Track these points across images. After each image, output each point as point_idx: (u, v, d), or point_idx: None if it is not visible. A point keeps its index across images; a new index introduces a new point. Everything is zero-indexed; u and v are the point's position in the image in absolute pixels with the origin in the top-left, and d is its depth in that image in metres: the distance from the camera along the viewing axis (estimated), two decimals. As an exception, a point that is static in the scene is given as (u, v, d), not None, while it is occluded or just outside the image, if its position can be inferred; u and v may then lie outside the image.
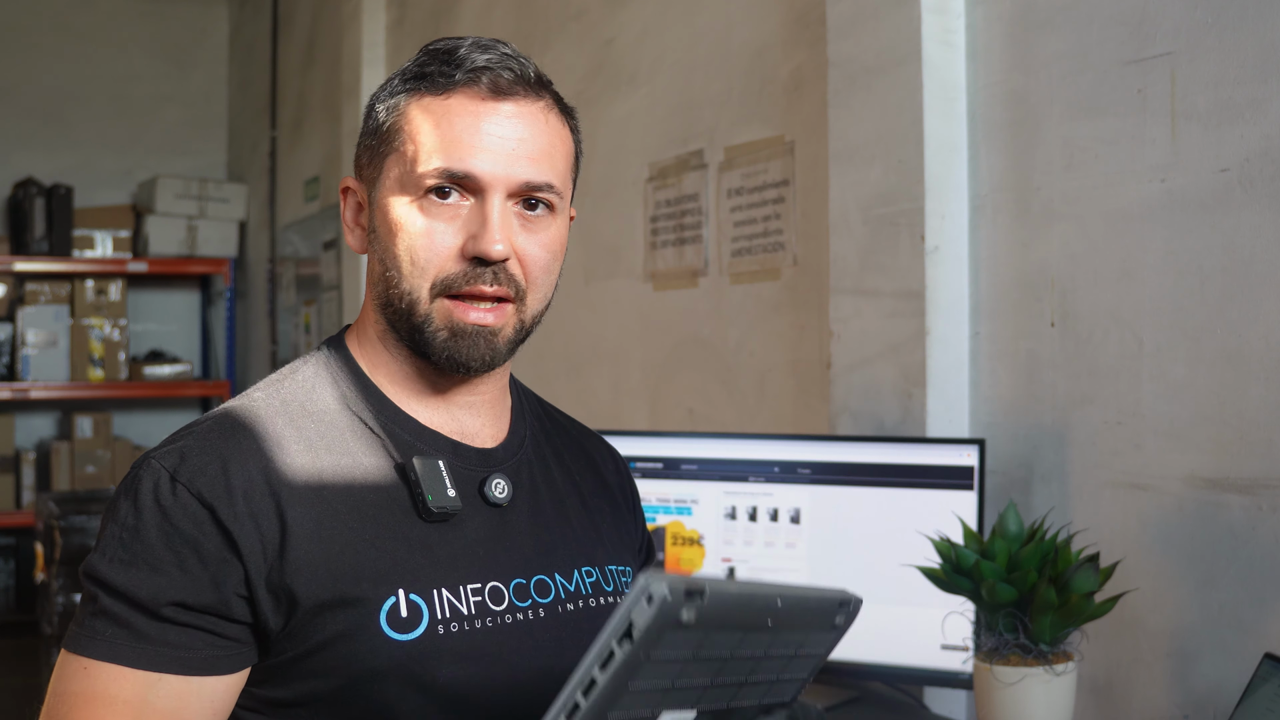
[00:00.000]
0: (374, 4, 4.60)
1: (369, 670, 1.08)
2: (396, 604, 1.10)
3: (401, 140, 1.15)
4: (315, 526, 1.10)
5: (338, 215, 4.83)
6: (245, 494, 1.09)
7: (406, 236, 1.14)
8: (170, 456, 1.10)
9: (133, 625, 1.06)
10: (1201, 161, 1.70)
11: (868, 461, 1.93)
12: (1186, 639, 1.72)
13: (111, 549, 1.08)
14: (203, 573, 1.07)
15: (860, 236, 2.16)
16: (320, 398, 1.19)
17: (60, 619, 3.20)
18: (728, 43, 2.70)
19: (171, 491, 1.08)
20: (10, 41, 6.27)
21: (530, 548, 1.21)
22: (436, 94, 1.15)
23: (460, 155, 1.13)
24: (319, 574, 1.09)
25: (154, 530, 1.07)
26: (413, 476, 1.14)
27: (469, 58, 1.15)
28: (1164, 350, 1.75)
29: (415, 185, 1.14)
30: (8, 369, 5.86)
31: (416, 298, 1.15)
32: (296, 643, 1.09)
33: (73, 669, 1.07)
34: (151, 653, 1.06)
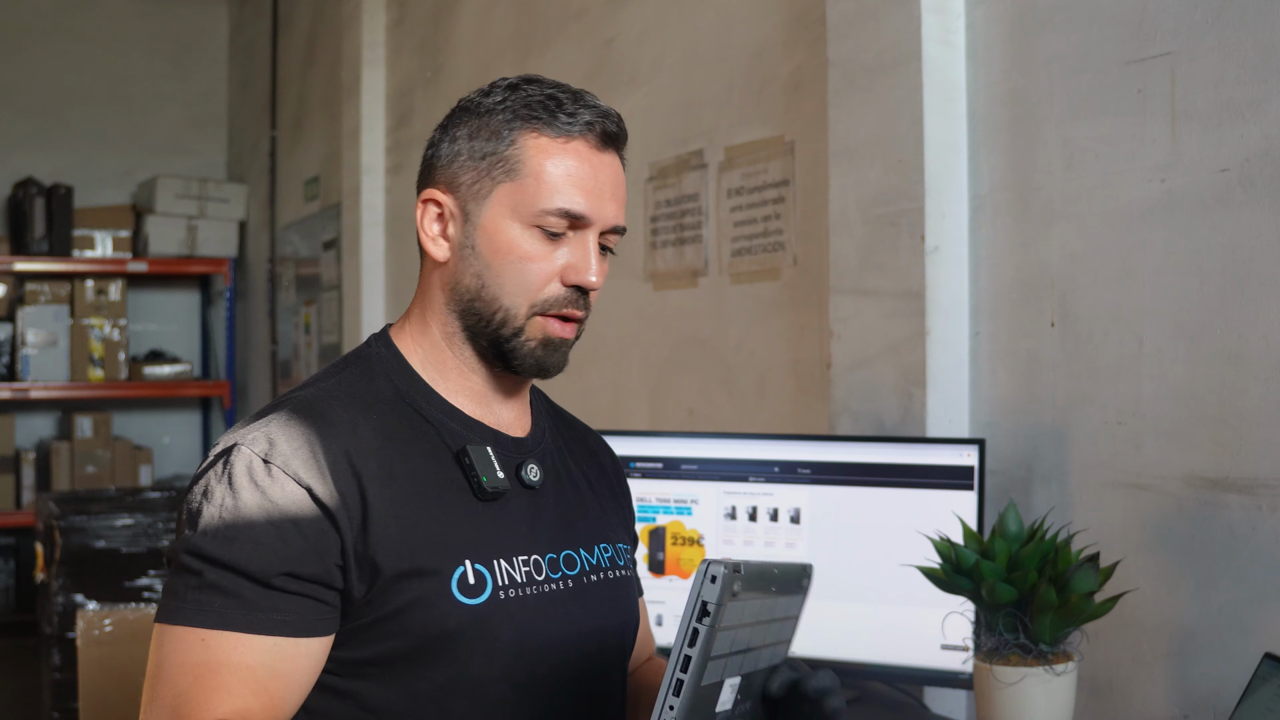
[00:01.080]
0: (374, 4, 4.60)
1: (442, 631, 1.22)
2: (465, 573, 1.24)
3: (522, 174, 1.28)
4: (390, 505, 1.22)
5: (338, 215, 4.85)
6: (334, 474, 1.20)
7: (516, 261, 1.28)
8: (259, 442, 1.21)
9: (244, 595, 1.15)
10: (1201, 161, 1.70)
11: (868, 461, 1.93)
12: (1186, 639, 1.72)
13: (213, 528, 1.17)
14: (305, 545, 1.17)
15: (860, 236, 2.16)
16: (378, 388, 1.31)
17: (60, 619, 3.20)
18: (728, 43, 2.70)
19: (267, 473, 1.19)
20: (10, 41, 6.27)
21: (558, 526, 1.36)
22: (556, 136, 1.28)
23: (579, 199, 1.28)
24: (397, 546, 1.21)
25: (254, 509, 1.18)
26: (467, 461, 1.28)
27: (580, 110, 1.29)
28: (1164, 350, 1.75)
29: (532, 216, 1.27)
30: (8, 369, 5.86)
31: (515, 314, 1.29)
32: (376, 608, 1.21)
33: (188, 641, 1.15)
34: (266, 619, 1.16)
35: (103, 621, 2.90)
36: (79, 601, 3.17)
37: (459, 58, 4.00)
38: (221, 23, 6.84)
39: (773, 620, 1.16)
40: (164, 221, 6.14)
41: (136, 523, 3.28)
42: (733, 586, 1.04)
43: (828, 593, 1.94)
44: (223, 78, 6.84)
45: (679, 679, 1.03)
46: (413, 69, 4.37)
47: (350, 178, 4.66)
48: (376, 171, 4.56)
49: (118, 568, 3.23)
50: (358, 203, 4.58)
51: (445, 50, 4.10)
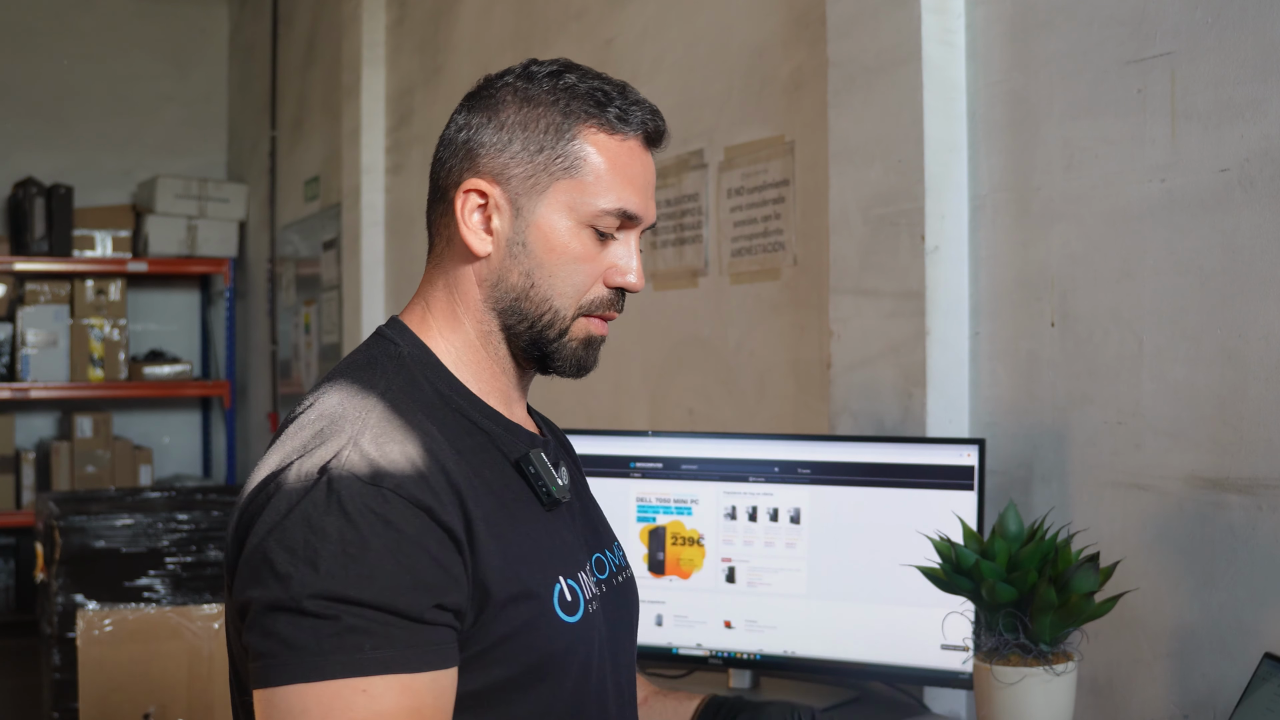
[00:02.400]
0: (374, 4, 4.60)
1: (547, 654, 1.15)
2: (562, 590, 1.18)
3: (583, 171, 1.22)
4: (485, 522, 1.13)
5: (338, 215, 4.85)
6: (441, 492, 1.10)
7: (570, 260, 1.22)
8: (357, 464, 1.08)
9: (394, 633, 1.04)
10: (1201, 161, 1.70)
11: (868, 461, 1.93)
12: (1186, 639, 1.72)
13: (337, 566, 1.04)
14: (441, 573, 1.07)
15: (860, 236, 2.16)
16: (424, 394, 1.21)
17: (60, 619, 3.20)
18: (728, 43, 2.70)
19: (382, 499, 1.06)
20: (10, 41, 6.27)
21: (587, 528, 1.33)
22: (613, 133, 1.24)
23: (633, 199, 1.24)
24: (501, 567, 1.13)
25: (381, 540, 1.05)
26: (531, 470, 1.22)
27: (632, 106, 1.25)
28: (1164, 350, 1.75)
29: (589, 214, 1.22)
30: (8, 369, 5.86)
31: (564, 315, 1.23)
32: (482, 637, 1.11)
33: (344, 697, 1.02)
34: (421, 655, 1.05)
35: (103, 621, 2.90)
36: (79, 601, 3.17)
37: (459, 58, 4.00)
38: (221, 23, 6.84)
39: None
40: (164, 221, 6.14)
41: (136, 523, 3.28)
42: None
43: (828, 593, 1.94)
44: (223, 78, 6.84)
45: None
46: (413, 69, 4.37)
47: (350, 178, 4.66)
48: (376, 171, 4.56)
49: (118, 568, 3.23)
50: (358, 203, 4.58)
51: (445, 50, 4.10)
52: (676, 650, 2.04)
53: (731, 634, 2.01)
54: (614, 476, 2.07)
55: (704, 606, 2.02)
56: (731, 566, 2.01)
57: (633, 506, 2.06)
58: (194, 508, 3.40)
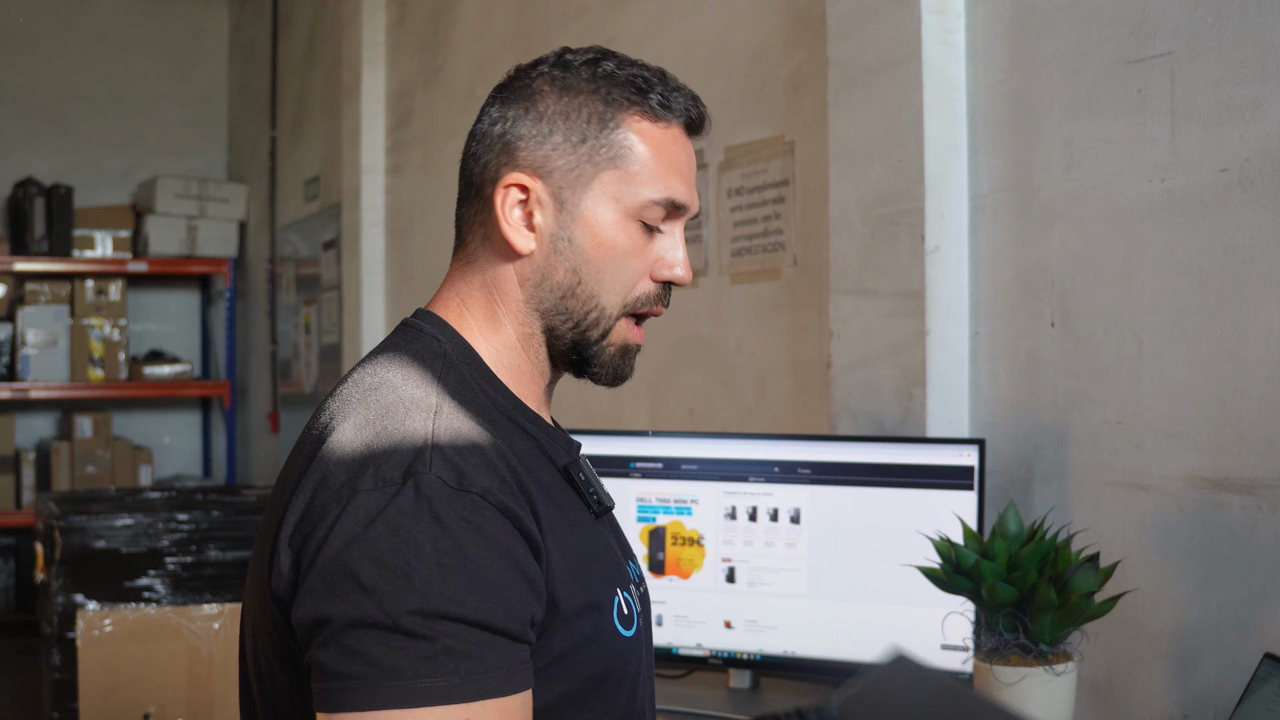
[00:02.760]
0: (374, 4, 4.60)
1: (605, 669, 1.09)
2: (619, 602, 1.13)
3: (629, 160, 1.16)
4: (552, 530, 1.07)
5: (338, 215, 4.85)
6: (519, 496, 1.05)
7: (619, 255, 1.16)
8: (443, 468, 1.01)
9: (492, 653, 0.97)
10: (1201, 161, 1.70)
11: (868, 461, 1.93)
12: (1186, 639, 1.72)
13: (434, 579, 0.96)
14: (527, 584, 1.01)
15: (860, 236, 2.16)
16: (476, 396, 1.13)
17: (60, 619, 3.20)
18: (728, 43, 2.70)
19: (472, 504, 1.00)
20: (10, 41, 6.27)
21: (621, 541, 1.28)
22: (656, 121, 1.18)
23: (679, 188, 1.18)
24: (568, 579, 1.07)
25: (477, 550, 0.98)
26: (581, 477, 1.17)
27: (676, 89, 1.20)
28: (1164, 350, 1.75)
29: (636, 205, 1.16)
30: (8, 369, 5.86)
31: (609, 313, 1.17)
32: (544, 652, 1.05)
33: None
34: (516, 675, 0.99)
35: (103, 621, 2.90)
36: (79, 601, 3.17)
37: (459, 58, 4.00)
38: (221, 23, 6.84)
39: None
40: (164, 221, 6.14)
41: (136, 523, 3.28)
42: None
43: (828, 593, 1.95)
44: (223, 78, 6.84)
45: None
46: (413, 69, 4.37)
47: (350, 178, 4.66)
48: (376, 171, 4.56)
49: (118, 568, 3.23)
50: (358, 203, 4.58)
51: (445, 50, 4.10)
52: (676, 650, 2.04)
53: (731, 634, 2.01)
54: (614, 476, 2.07)
55: (704, 606, 2.02)
56: (731, 566, 2.01)
57: (633, 506, 2.06)
58: (194, 508, 3.40)
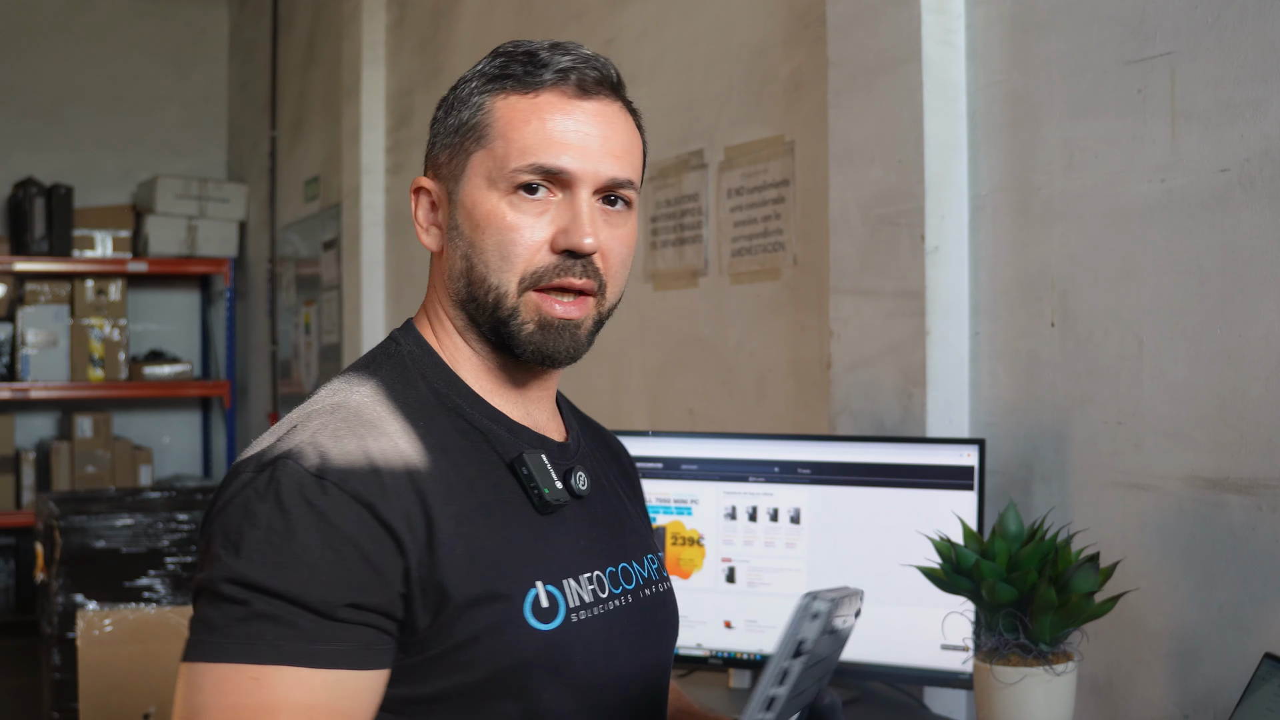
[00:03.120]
0: (374, 4, 4.60)
1: (516, 661, 1.11)
2: (538, 595, 1.13)
3: (490, 137, 1.17)
4: (454, 523, 1.11)
5: (338, 215, 4.85)
6: (395, 490, 1.08)
7: (496, 231, 1.16)
8: (308, 456, 1.08)
9: (300, 626, 1.03)
10: (1201, 161, 1.70)
11: (868, 461, 1.93)
12: (1186, 639, 1.72)
13: (259, 553, 1.04)
14: (367, 571, 1.05)
15: (860, 236, 2.16)
16: (418, 392, 1.19)
17: (60, 619, 3.20)
18: (728, 43, 2.70)
19: (323, 491, 1.06)
20: (10, 41, 6.27)
21: (611, 537, 1.26)
22: (524, 92, 1.17)
23: (554, 152, 1.16)
24: (466, 569, 1.10)
25: (309, 531, 1.04)
26: (525, 471, 1.18)
27: (553, 58, 1.18)
28: (1164, 350, 1.75)
29: (506, 181, 1.16)
30: (8, 369, 5.86)
31: (505, 291, 1.17)
32: (442, 639, 1.09)
33: (235, 681, 1.01)
34: (326, 651, 1.03)
35: (103, 621, 2.90)
36: (79, 601, 3.17)
37: (459, 58, 4.00)
38: (221, 23, 6.84)
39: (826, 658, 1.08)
40: (164, 221, 6.14)
41: (136, 523, 3.28)
42: (833, 622, 0.99)
43: (828, 593, 1.95)
44: (223, 78, 6.84)
45: None
46: (413, 69, 4.37)
47: (350, 178, 4.66)
48: (376, 171, 4.56)
49: (118, 568, 3.23)
50: (358, 203, 4.58)
51: (445, 50, 4.10)
52: (677, 650, 2.04)
53: (732, 634, 2.01)
54: (614, 476, 2.07)
55: (704, 606, 2.02)
56: (731, 566, 2.01)
57: (633, 506, 2.06)
58: (194, 508, 3.40)
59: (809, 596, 0.97)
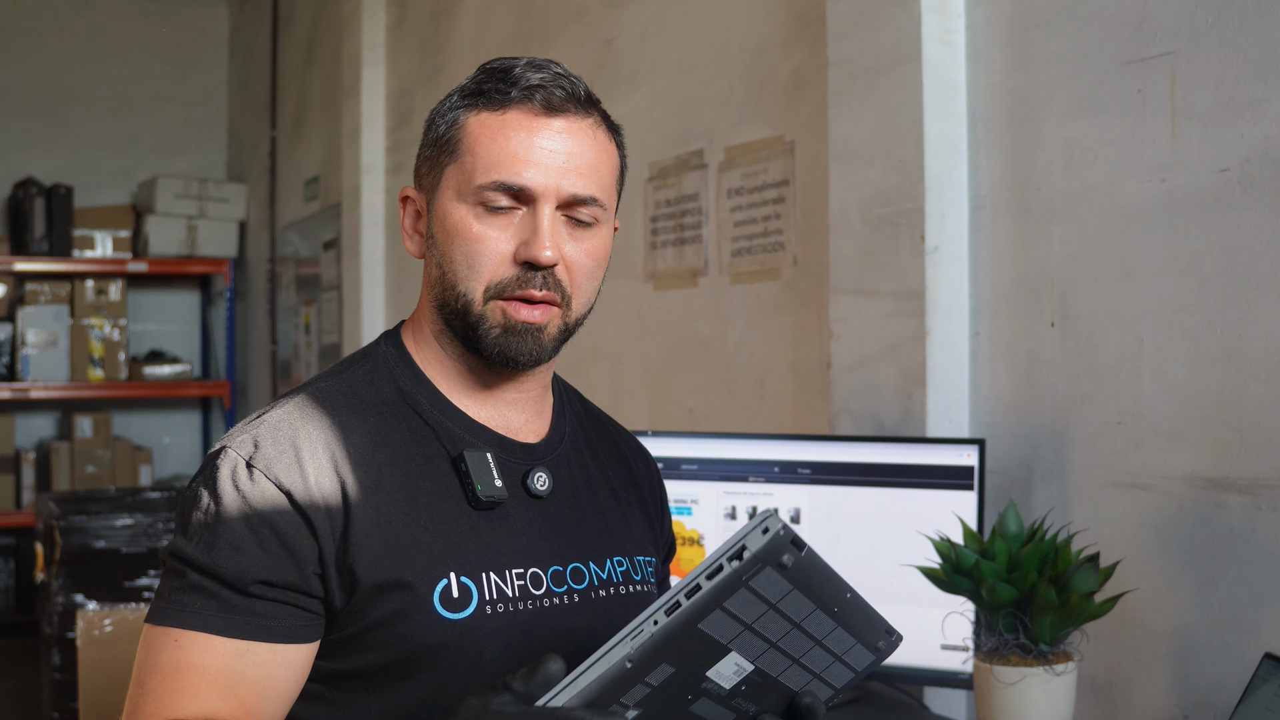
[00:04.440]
0: (374, 4, 4.60)
1: (422, 646, 1.17)
2: (448, 585, 1.19)
3: (460, 152, 1.24)
4: (375, 512, 1.19)
5: (338, 215, 4.85)
6: (316, 479, 1.18)
7: (463, 242, 1.23)
8: (245, 445, 1.19)
9: (221, 598, 1.13)
10: (1201, 161, 1.70)
11: (868, 461, 1.92)
12: (1186, 639, 1.72)
13: (196, 532, 1.16)
14: (282, 552, 1.15)
15: (860, 236, 2.16)
16: (381, 390, 1.28)
17: (60, 619, 3.20)
18: (728, 43, 2.70)
19: (249, 477, 1.17)
20: (10, 41, 6.27)
21: (568, 537, 1.30)
22: (493, 109, 1.23)
23: (515, 169, 1.21)
24: (378, 556, 1.17)
25: (234, 513, 1.15)
26: (463, 467, 1.24)
27: (524, 76, 1.23)
28: (1164, 350, 1.75)
29: (473, 195, 1.22)
30: (8, 369, 5.86)
31: (472, 299, 1.23)
32: (356, 620, 1.17)
33: (162, 641, 1.13)
34: (240, 622, 1.13)
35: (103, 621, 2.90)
36: (79, 601, 3.17)
37: (459, 58, 4.00)
38: (221, 23, 6.84)
39: (821, 645, 1.04)
40: (164, 221, 6.14)
41: (136, 523, 3.28)
42: (782, 556, 0.93)
43: (828, 593, 1.95)
44: (223, 78, 6.84)
45: (679, 601, 0.92)
46: (413, 69, 4.37)
47: (350, 178, 4.66)
48: (376, 171, 4.56)
49: (118, 568, 3.23)
50: (358, 203, 4.58)
51: (445, 50, 4.10)
52: (676, 650, 2.04)
53: (731, 634, 2.00)
54: (614, 476, 2.07)
55: (704, 606, 2.02)
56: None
57: (633, 506, 2.06)
58: (194, 508, 3.40)
59: (767, 512, 0.95)
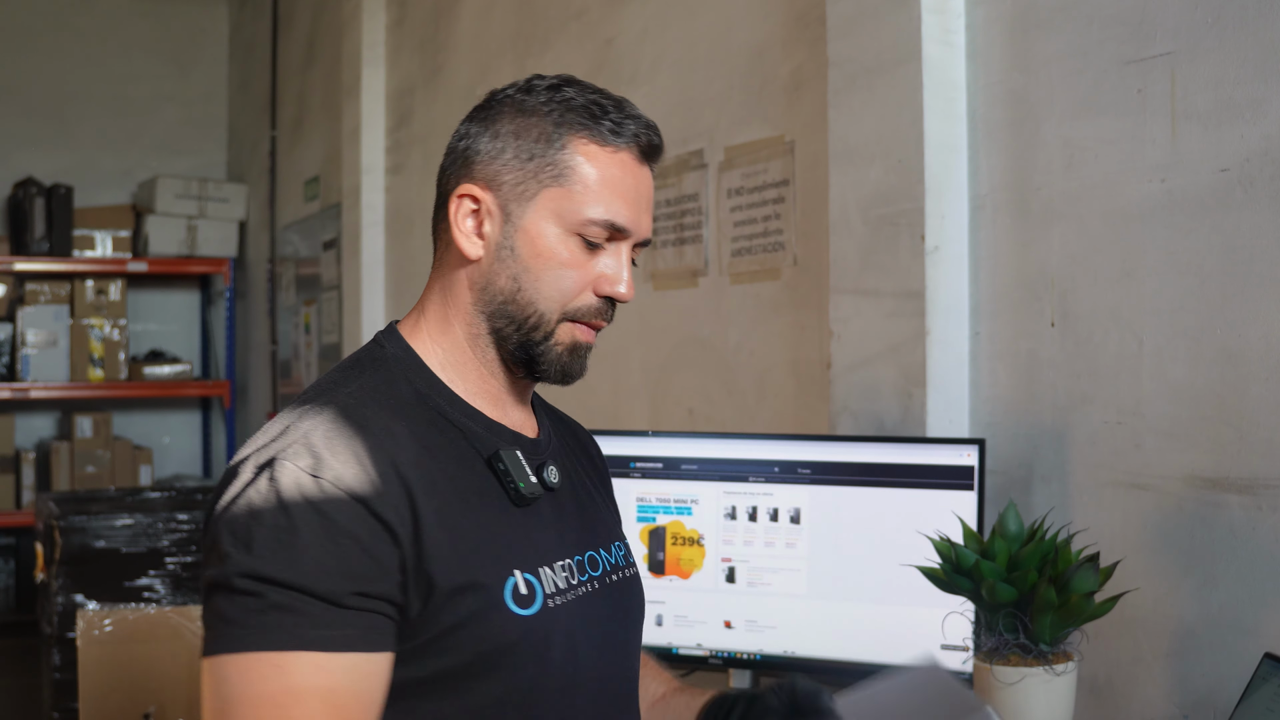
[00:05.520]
0: (374, 4, 4.60)
1: (499, 645, 1.19)
2: (516, 583, 1.21)
3: (570, 180, 1.26)
4: (437, 515, 1.18)
5: (338, 215, 4.85)
6: (384, 485, 1.16)
7: (556, 266, 1.26)
8: (301, 455, 1.15)
9: (314, 614, 1.09)
10: (1201, 161, 1.70)
11: (868, 461, 1.93)
12: (1186, 639, 1.72)
13: (268, 549, 1.10)
14: (370, 563, 1.13)
15: (860, 236, 2.16)
16: (400, 392, 1.27)
17: (60, 619, 3.20)
18: (728, 42, 2.70)
19: (319, 489, 1.13)
20: (10, 41, 6.27)
21: (580, 527, 1.35)
22: (604, 145, 1.27)
23: (622, 211, 1.27)
24: (449, 559, 1.17)
25: (312, 528, 1.11)
26: (501, 466, 1.26)
27: (631, 117, 1.29)
28: (1164, 350, 1.75)
29: (577, 224, 1.26)
30: (8, 369, 5.86)
31: (548, 319, 1.27)
32: (430, 625, 1.17)
33: (260, 670, 1.07)
34: (341, 635, 1.10)
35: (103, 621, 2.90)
36: (79, 601, 3.17)
37: (459, 58, 4.00)
38: (221, 23, 6.84)
39: None
40: (164, 221, 6.14)
41: (136, 523, 3.28)
42: None
43: (828, 593, 1.95)
44: (223, 78, 6.84)
45: None
46: (413, 69, 4.37)
47: (350, 178, 4.66)
48: (376, 171, 4.56)
49: (118, 568, 3.23)
50: (358, 203, 4.58)
51: (445, 50, 4.10)
52: (676, 650, 2.04)
53: (731, 634, 2.01)
54: (614, 476, 2.06)
55: (704, 606, 2.02)
56: (731, 566, 2.01)
57: (633, 506, 2.06)
58: (194, 508, 3.40)
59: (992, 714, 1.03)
